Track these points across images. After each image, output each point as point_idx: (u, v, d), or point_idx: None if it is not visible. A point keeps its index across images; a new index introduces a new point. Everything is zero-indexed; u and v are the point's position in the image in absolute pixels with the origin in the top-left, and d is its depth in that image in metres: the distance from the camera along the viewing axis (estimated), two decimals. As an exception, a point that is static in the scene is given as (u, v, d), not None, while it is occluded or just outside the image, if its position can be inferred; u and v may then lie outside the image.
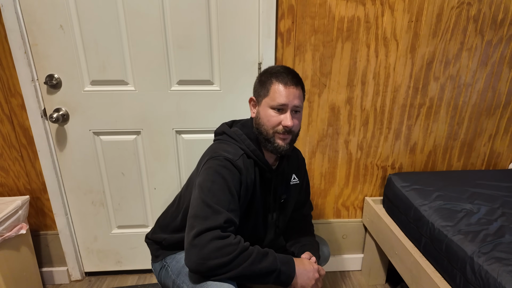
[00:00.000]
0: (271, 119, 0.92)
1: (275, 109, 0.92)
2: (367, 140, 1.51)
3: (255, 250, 0.84)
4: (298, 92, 0.93)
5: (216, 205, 0.84)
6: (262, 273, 0.83)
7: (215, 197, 0.85)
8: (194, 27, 1.29)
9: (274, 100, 0.91)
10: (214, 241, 0.79)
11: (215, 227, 0.81)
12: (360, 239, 1.69)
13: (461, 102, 1.48)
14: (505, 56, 1.42)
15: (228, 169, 0.89)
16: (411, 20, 1.34)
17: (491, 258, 0.93)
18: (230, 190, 0.87)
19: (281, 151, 0.94)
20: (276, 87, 0.91)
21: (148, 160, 1.47)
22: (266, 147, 0.96)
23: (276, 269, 0.84)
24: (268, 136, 0.94)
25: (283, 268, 0.85)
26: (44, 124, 1.36)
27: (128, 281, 1.63)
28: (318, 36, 1.34)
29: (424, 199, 1.27)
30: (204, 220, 0.82)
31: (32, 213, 1.50)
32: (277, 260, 0.86)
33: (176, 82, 1.37)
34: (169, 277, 0.97)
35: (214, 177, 0.87)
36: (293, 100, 0.91)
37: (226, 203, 0.86)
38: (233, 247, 0.80)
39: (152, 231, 1.14)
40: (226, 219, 0.82)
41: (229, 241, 0.81)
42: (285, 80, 0.91)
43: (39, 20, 1.24)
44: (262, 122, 0.94)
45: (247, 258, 0.82)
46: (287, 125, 0.91)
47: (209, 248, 0.78)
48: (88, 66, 1.31)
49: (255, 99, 0.99)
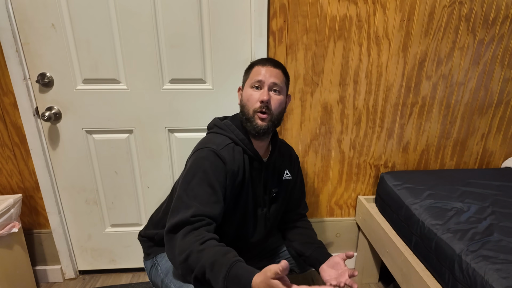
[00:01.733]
0: (250, 97, 0.95)
1: (254, 87, 0.95)
2: (359, 139, 1.52)
3: (205, 256, 0.73)
4: (277, 71, 0.96)
5: (190, 200, 0.84)
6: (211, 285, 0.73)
7: (192, 191, 0.86)
8: (186, 25, 1.30)
9: (252, 79, 0.95)
10: (179, 238, 0.79)
11: (182, 222, 0.80)
12: (353, 238, 1.70)
13: (453, 101, 1.48)
14: (497, 55, 1.42)
15: (210, 161, 0.90)
16: (403, 19, 1.34)
17: (478, 256, 0.93)
18: (210, 183, 0.87)
19: (259, 130, 0.94)
20: (256, 69, 0.97)
21: (141, 159, 1.47)
22: (248, 128, 0.97)
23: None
24: (249, 115, 0.95)
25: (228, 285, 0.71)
26: (37, 122, 1.36)
27: (122, 279, 1.64)
28: (310, 35, 1.34)
29: (415, 197, 1.27)
30: (175, 215, 0.82)
31: (26, 211, 1.50)
32: (223, 278, 0.70)
33: (168, 81, 1.37)
34: (158, 275, 0.97)
35: (195, 170, 0.89)
36: (270, 77, 0.94)
37: (204, 196, 0.85)
38: (186, 246, 0.76)
39: (145, 227, 1.15)
40: (194, 213, 0.81)
41: (186, 241, 0.77)
42: (264, 62, 0.97)
43: (30, 18, 1.24)
44: (244, 103, 0.98)
45: (197, 261, 0.74)
46: (263, 99, 0.92)
47: (174, 246, 0.79)
48: (80, 65, 1.31)
49: (242, 87, 1.03)
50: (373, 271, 1.63)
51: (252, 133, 0.96)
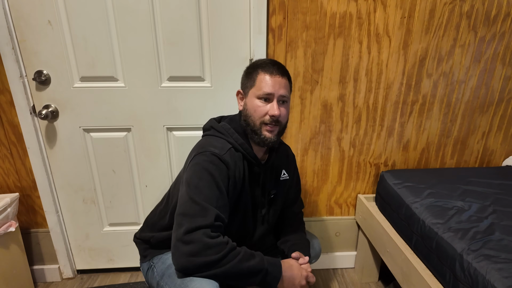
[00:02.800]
0: (257, 109, 0.92)
1: (262, 99, 0.92)
2: (359, 137, 1.50)
3: (242, 250, 0.85)
4: (284, 81, 0.93)
5: (204, 202, 0.83)
6: (249, 272, 0.83)
7: (202, 194, 0.84)
8: (184, 22, 1.28)
9: (260, 90, 0.91)
10: (204, 238, 0.79)
11: (205, 225, 0.80)
12: (353, 237, 1.69)
13: (454, 99, 1.47)
14: (498, 53, 1.41)
15: (215, 165, 0.88)
16: (404, 16, 1.33)
17: (480, 255, 0.92)
18: (218, 186, 0.87)
19: (268, 143, 0.93)
20: (262, 77, 0.92)
21: (139, 158, 1.46)
22: (253, 139, 0.95)
23: (263, 269, 0.84)
24: (255, 127, 0.93)
25: (270, 268, 0.85)
26: (34, 121, 1.35)
27: (121, 278, 1.63)
28: (310, 32, 1.32)
29: (416, 196, 1.26)
30: (192, 218, 0.81)
31: (23, 210, 1.49)
32: (264, 260, 0.86)
33: (166, 79, 1.35)
34: (154, 278, 0.96)
35: (201, 173, 0.87)
36: (279, 90, 0.91)
37: (214, 199, 0.85)
38: (222, 246, 0.81)
39: (141, 230, 1.13)
40: (215, 216, 0.82)
41: (219, 240, 0.81)
42: (271, 70, 0.92)
43: (26, 15, 1.22)
44: (249, 113, 0.94)
45: (235, 256, 0.82)
46: (274, 114, 0.90)
47: (199, 245, 0.78)
48: (77, 62, 1.30)
49: (242, 92, 0.99)
50: (373, 270, 1.62)
51: (260, 144, 0.95)
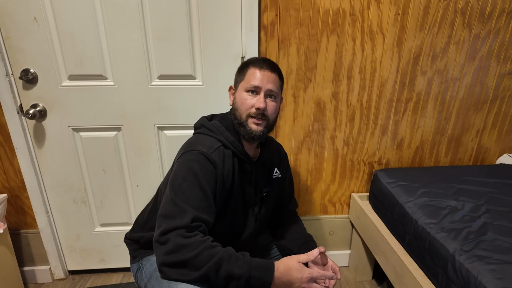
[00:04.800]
0: (244, 101, 0.92)
1: (249, 92, 0.92)
2: (353, 135, 1.49)
3: (221, 251, 0.78)
4: (274, 76, 0.93)
5: (184, 204, 0.81)
6: (229, 276, 0.76)
7: (184, 195, 0.83)
8: (174, 19, 1.25)
9: (248, 83, 0.92)
10: (178, 238, 0.77)
11: (181, 226, 0.78)
12: (347, 236, 1.68)
13: (448, 97, 1.46)
14: (493, 50, 1.39)
15: (201, 164, 0.87)
16: (398, 13, 1.31)
17: (472, 256, 0.91)
18: (201, 187, 0.85)
19: (254, 135, 0.92)
20: (252, 71, 0.92)
21: (130, 157, 1.44)
22: (240, 132, 0.95)
23: (244, 275, 0.76)
24: (242, 119, 0.92)
25: (255, 273, 0.77)
26: (21, 120, 1.32)
27: (113, 279, 1.61)
28: (303, 29, 1.30)
29: (409, 195, 1.25)
30: (171, 220, 0.79)
31: (12, 211, 1.46)
32: (247, 264, 0.77)
33: (156, 77, 1.33)
34: (142, 279, 0.95)
35: (185, 173, 0.85)
36: (267, 84, 0.91)
37: (196, 201, 0.83)
38: (196, 244, 0.76)
39: (131, 230, 1.11)
40: (192, 218, 0.80)
41: (193, 239, 0.77)
42: (261, 64, 0.93)
43: (11, 11, 1.19)
44: (237, 106, 0.94)
45: (211, 257, 0.76)
46: (260, 106, 0.89)
47: (172, 245, 0.76)
48: (65, 60, 1.27)
49: (234, 87, 0.99)
50: (367, 268, 1.61)
51: (246, 137, 0.94)
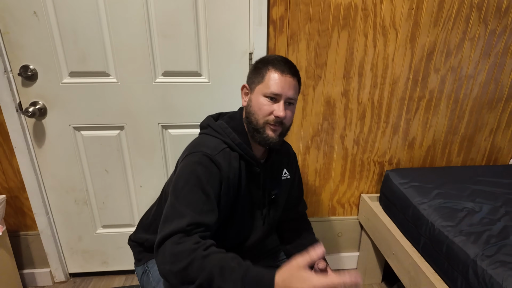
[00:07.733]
0: (262, 107, 0.86)
1: (268, 98, 0.86)
2: (363, 135, 1.45)
3: (213, 262, 0.69)
4: (294, 82, 0.87)
5: (184, 207, 0.77)
6: None
7: (185, 198, 0.78)
8: (180, 14, 1.20)
9: (268, 88, 0.85)
10: (172, 246, 0.71)
11: (177, 231, 0.73)
12: (355, 237, 1.64)
13: (462, 95, 1.42)
14: (509, 46, 1.35)
15: (205, 166, 0.82)
16: (411, 7, 1.26)
17: (495, 261, 0.87)
18: (204, 189, 0.80)
19: (270, 142, 0.87)
20: (272, 75, 0.85)
21: (133, 157, 1.39)
22: (254, 137, 0.90)
23: None
24: (258, 126, 0.87)
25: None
26: (20, 118, 1.27)
27: (115, 282, 1.57)
28: (313, 25, 1.25)
29: (423, 197, 1.21)
30: (169, 224, 0.75)
31: (11, 212, 1.42)
32: (240, 281, 0.66)
33: (161, 74, 1.28)
34: (150, 283, 0.91)
35: (188, 176, 0.81)
36: (288, 91, 0.85)
37: (198, 204, 0.78)
38: (186, 253, 0.70)
39: (135, 232, 1.08)
40: (191, 221, 0.74)
41: (185, 247, 0.71)
42: (282, 68, 0.86)
43: (10, 6, 1.14)
44: (253, 110, 0.88)
45: (202, 270, 0.68)
46: (279, 115, 0.84)
47: (167, 253, 0.71)
48: (66, 57, 1.22)
49: (248, 87, 0.92)
50: (376, 271, 1.57)
51: (262, 144, 0.89)
